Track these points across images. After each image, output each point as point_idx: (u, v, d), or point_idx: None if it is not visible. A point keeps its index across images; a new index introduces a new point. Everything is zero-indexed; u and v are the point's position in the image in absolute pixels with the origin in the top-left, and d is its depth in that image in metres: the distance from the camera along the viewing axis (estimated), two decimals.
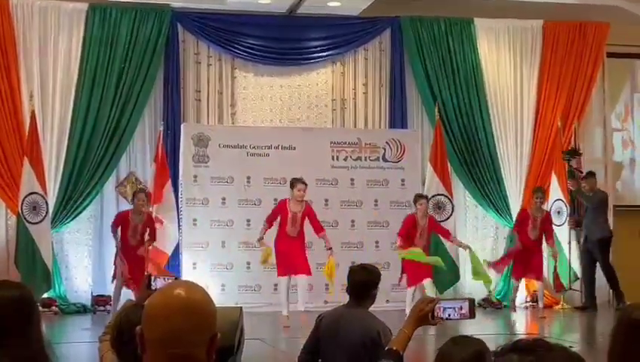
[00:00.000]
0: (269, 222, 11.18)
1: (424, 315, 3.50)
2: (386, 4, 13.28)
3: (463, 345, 3.32)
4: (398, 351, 3.53)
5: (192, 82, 13.33)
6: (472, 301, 3.56)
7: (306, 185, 11.21)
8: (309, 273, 11.08)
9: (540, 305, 12.58)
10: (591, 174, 13.38)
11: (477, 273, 11.94)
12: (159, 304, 2.10)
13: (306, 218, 11.20)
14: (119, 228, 11.45)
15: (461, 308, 3.48)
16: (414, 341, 3.63)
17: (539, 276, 12.50)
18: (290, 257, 11.03)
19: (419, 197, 11.91)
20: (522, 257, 12.41)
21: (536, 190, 12.83)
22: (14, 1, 12.47)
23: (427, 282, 11.56)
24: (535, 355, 1.84)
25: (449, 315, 3.48)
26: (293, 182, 11.20)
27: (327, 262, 11.08)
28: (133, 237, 11.35)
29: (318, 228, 11.29)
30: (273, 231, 11.35)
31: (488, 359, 3.24)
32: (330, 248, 11.17)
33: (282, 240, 11.12)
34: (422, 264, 11.45)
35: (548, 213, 12.77)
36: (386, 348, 3.58)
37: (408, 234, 11.61)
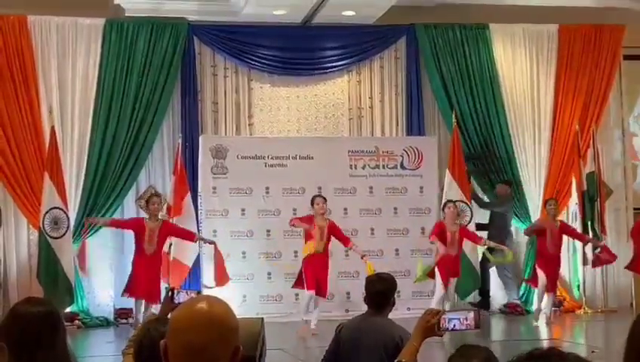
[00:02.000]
0: (299, 221, 11.37)
1: (430, 327, 3.54)
2: (400, 12, 13.31)
3: (471, 355, 3.34)
4: None
5: (209, 94, 13.41)
6: (477, 312, 3.59)
7: (324, 199, 11.34)
8: (324, 296, 11.37)
9: (547, 313, 12.37)
10: (507, 182, 13.37)
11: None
12: (183, 318, 2.13)
13: (332, 235, 11.39)
14: (125, 225, 11.61)
15: (466, 319, 3.52)
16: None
17: (552, 288, 12.37)
18: (316, 275, 11.22)
19: (448, 202, 12.02)
20: (547, 269, 12.26)
21: (548, 201, 12.75)
22: (32, 17, 12.59)
23: (454, 280, 11.68)
24: None
25: (454, 326, 3.53)
26: (312, 199, 11.46)
27: (367, 267, 11.09)
28: (150, 245, 11.28)
29: (346, 241, 11.51)
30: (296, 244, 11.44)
31: None
32: (364, 255, 11.36)
33: (310, 256, 11.28)
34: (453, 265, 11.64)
35: (562, 223, 12.67)
36: (396, 360, 3.62)
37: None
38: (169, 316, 2.27)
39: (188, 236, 11.74)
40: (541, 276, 12.16)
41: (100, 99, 12.72)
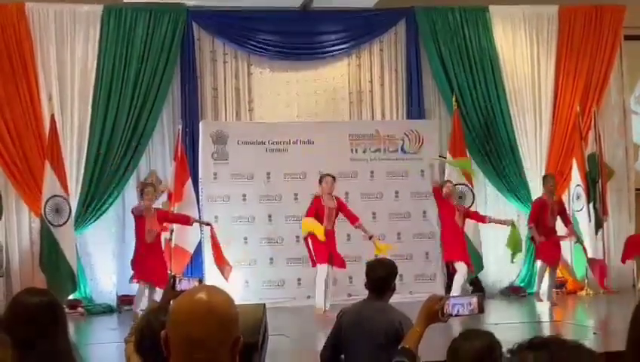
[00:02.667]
0: (310, 215, 11.35)
1: (434, 313, 3.55)
2: None
3: (473, 339, 3.35)
4: (411, 350, 3.58)
5: (208, 80, 13.39)
6: (480, 296, 3.60)
7: (334, 178, 11.38)
8: (343, 266, 11.42)
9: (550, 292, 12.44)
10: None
11: (514, 244, 12.12)
12: (182, 309, 2.14)
13: (340, 212, 11.46)
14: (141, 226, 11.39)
15: (470, 304, 3.53)
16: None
17: (555, 264, 12.42)
18: (329, 248, 11.27)
19: (446, 181, 12.21)
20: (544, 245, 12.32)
21: (546, 176, 12.77)
22: (30, 5, 12.55)
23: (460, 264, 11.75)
24: (549, 352, 1.86)
25: (458, 311, 3.53)
26: (321, 177, 11.42)
27: (376, 248, 11.12)
28: (150, 235, 11.27)
29: (354, 218, 11.54)
30: (298, 229, 11.39)
31: (498, 351, 3.28)
32: (372, 236, 11.41)
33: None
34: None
35: (560, 200, 12.70)
36: (399, 347, 3.63)
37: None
38: (170, 304, 2.27)
39: (183, 220, 11.74)
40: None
41: (99, 86, 12.70)
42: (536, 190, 13.73)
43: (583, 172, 13.33)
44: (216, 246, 11.79)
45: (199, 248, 12.44)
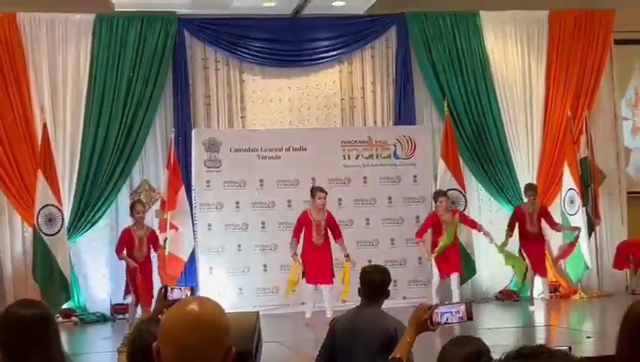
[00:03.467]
0: (297, 236, 11.35)
1: (423, 322, 3.58)
2: (390, 1, 13.31)
3: (462, 345, 3.38)
4: (401, 359, 3.60)
5: (200, 88, 13.40)
6: (468, 304, 3.63)
7: (326, 193, 11.36)
8: (331, 282, 11.30)
9: (546, 296, 12.50)
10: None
11: (512, 262, 12.20)
12: (173, 321, 2.14)
13: (329, 227, 11.42)
14: (125, 250, 11.39)
15: (458, 312, 3.56)
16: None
17: (543, 272, 12.48)
18: (316, 267, 11.24)
19: (438, 194, 11.98)
20: (530, 253, 12.36)
21: (528, 186, 12.80)
22: (21, 14, 12.55)
23: (454, 276, 11.75)
24: (537, 361, 1.88)
25: (447, 319, 3.56)
26: (314, 191, 11.42)
27: (344, 268, 11.20)
28: (140, 253, 11.30)
29: (338, 235, 11.50)
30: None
31: (486, 357, 3.30)
32: (347, 254, 11.35)
33: (309, 251, 11.32)
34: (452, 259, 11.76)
35: (542, 206, 12.72)
36: (390, 357, 3.66)
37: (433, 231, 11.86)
38: (161, 315, 2.27)
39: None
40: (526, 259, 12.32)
41: (91, 95, 12.70)
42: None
43: (577, 176, 13.37)
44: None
45: (193, 256, 12.43)
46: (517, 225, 12.45)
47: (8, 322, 3.13)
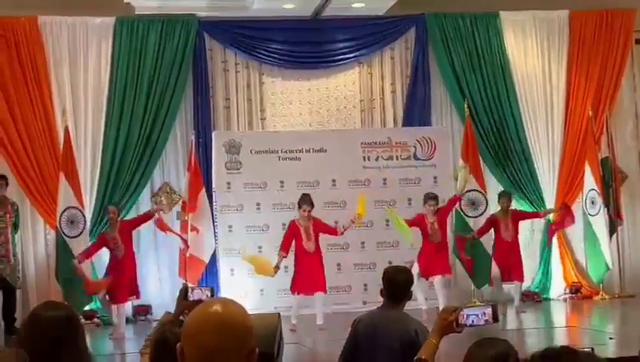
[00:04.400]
0: (285, 249, 11.25)
1: (448, 324, 3.58)
2: (409, 2, 13.30)
3: (488, 347, 3.37)
4: (426, 360, 3.61)
5: (220, 90, 13.44)
6: (494, 306, 3.63)
7: (312, 206, 11.26)
8: (324, 290, 11.23)
9: (516, 303, 12.22)
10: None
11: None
12: (197, 322, 2.15)
13: (319, 232, 11.31)
14: (94, 250, 11.58)
15: (484, 314, 3.56)
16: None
17: (520, 278, 12.30)
18: (308, 275, 11.17)
19: (428, 198, 11.91)
20: (502, 261, 12.22)
21: (501, 193, 12.72)
22: (42, 18, 12.64)
23: (438, 279, 11.66)
24: None
25: (472, 321, 3.57)
26: (300, 203, 11.31)
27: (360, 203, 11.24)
28: (118, 250, 11.39)
29: (333, 231, 11.43)
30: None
31: (513, 359, 3.29)
32: (352, 220, 11.28)
33: (301, 258, 11.27)
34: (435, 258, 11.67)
35: (513, 211, 12.56)
36: (415, 358, 3.67)
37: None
38: (183, 316, 2.29)
39: (144, 219, 11.91)
40: (495, 269, 12.21)
41: (112, 98, 12.77)
42: (549, 194, 13.75)
43: (598, 176, 13.31)
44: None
45: (214, 257, 12.47)
46: (492, 232, 12.31)
47: (35, 324, 3.15)
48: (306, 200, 11.28)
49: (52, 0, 12.69)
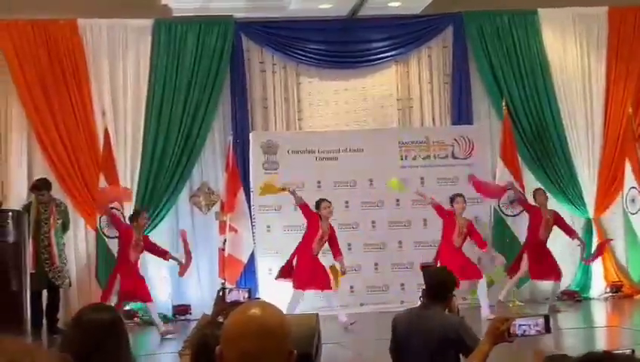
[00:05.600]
0: (306, 209, 11.27)
1: (500, 333, 3.60)
2: (446, 0, 13.25)
3: None
4: None
5: (258, 91, 13.49)
6: (547, 317, 3.63)
7: (330, 203, 11.35)
8: (329, 288, 11.28)
9: (552, 301, 12.22)
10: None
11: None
12: (236, 325, 2.17)
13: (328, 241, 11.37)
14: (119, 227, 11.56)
15: (536, 325, 3.57)
16: None
17: (557, 277, 12.21)
18: (313, 273, 11.20)
19: (456, 196, 11.86)
20: (536, 258, 12.13)
21: (536, 190, 12.60)
22: (82, 21, 12.78)
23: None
24: None
25: (524, 331, 3.58)
26: (319, 202, 11.36)
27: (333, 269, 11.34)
28: (135, 252, 11.38)
29: (337, 252, 11.41)
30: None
31: None
32: (344, 271, 11.39)
33: (306, 256, 11.26)
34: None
35: (555, 212, 12.44)
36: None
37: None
38: (221, 318, 2.31)
39: (160, 254, 11.81)
40: (524, 264, 12.12)
41: (151, 100, 12.88)
42: (589, 192, 13.62)
43: (639, 174, 13.17)
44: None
45: (252, 258, 12.52)
46: (530, 227, 12.21)
47: (81, 326, 3.19)
48: (324, 199, 11.44)
49: (91, 3, 12.80)
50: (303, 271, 11.21)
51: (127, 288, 11.19)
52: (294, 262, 11.31)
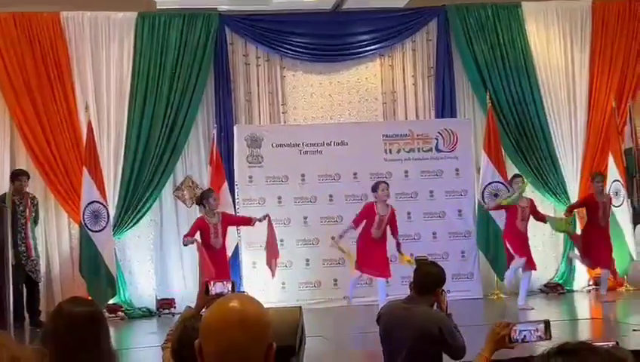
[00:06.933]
0: (357, 224, 11.36)
1: (501, 339, 3.61)
2: None
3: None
4: None
5: (242, 84, 13.46)
6: (547, 322, 3.63)
7: (387, 184, 11.43)
8: (389, 276, 11.38)
9: (603, 291, 12.39)
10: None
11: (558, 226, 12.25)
12: (215, 318, 2.16)
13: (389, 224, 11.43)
14: (196, 234, 11.22)
15: (537, 330, 3.58)
16: None
17: (607, 264, 12.34)
18: (372, 260, 11.28)
19: (379, 182, 11.78)
20: (594, 245, 12.23)
21: (595, 175, 12.69)
22: (65, 14, 12.71)
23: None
24: (579, 358, 1.88)
25: (524, 337, 3.58)
26: (376, 185, 11.44)
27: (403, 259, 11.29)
28: (216, 240, 11.23)
29: (396, 232, 11.48)
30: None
31: None
32: (400, 250, 11.39)
33: (366, 242, 11.35)
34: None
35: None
36: None
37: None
38: (205, 311, 2.30)
39: (246, 222, 11.73)
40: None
41: (134, 93, 12.83)
42: (573, 186, 13.68)
43: (622, 167, 13.23)
44: (272, 238, 11.78)
45: (236, 251, 12.50)
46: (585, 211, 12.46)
47: (61, 319, 3.18)
48: (381, 181, 11.57)
49: None
50: (361, 253, 11.31)
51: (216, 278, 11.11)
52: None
